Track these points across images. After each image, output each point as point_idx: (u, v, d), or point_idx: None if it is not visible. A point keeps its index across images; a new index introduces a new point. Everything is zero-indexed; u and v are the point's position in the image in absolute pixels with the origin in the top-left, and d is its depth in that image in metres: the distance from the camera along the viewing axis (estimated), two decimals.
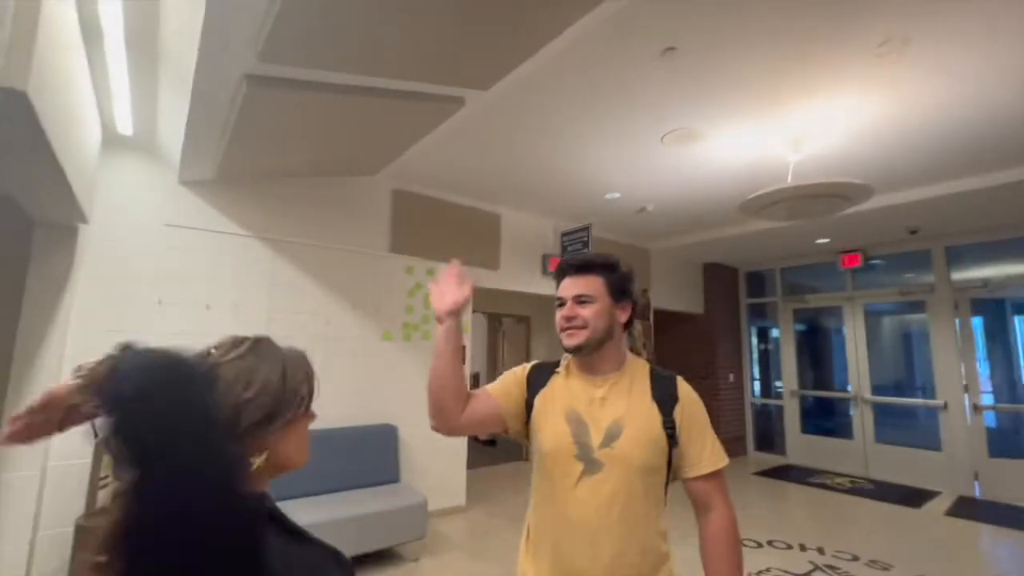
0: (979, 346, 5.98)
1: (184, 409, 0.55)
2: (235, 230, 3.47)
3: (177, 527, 0.51)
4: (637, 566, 1.03)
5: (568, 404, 1.13)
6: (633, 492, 1.05)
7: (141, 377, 0.55)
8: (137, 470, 0.51)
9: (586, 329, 1.12)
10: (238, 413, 0.62)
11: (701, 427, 1.11)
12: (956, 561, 3.50)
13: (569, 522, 1.06)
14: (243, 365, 0.66)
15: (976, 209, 4.50)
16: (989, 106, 2.86)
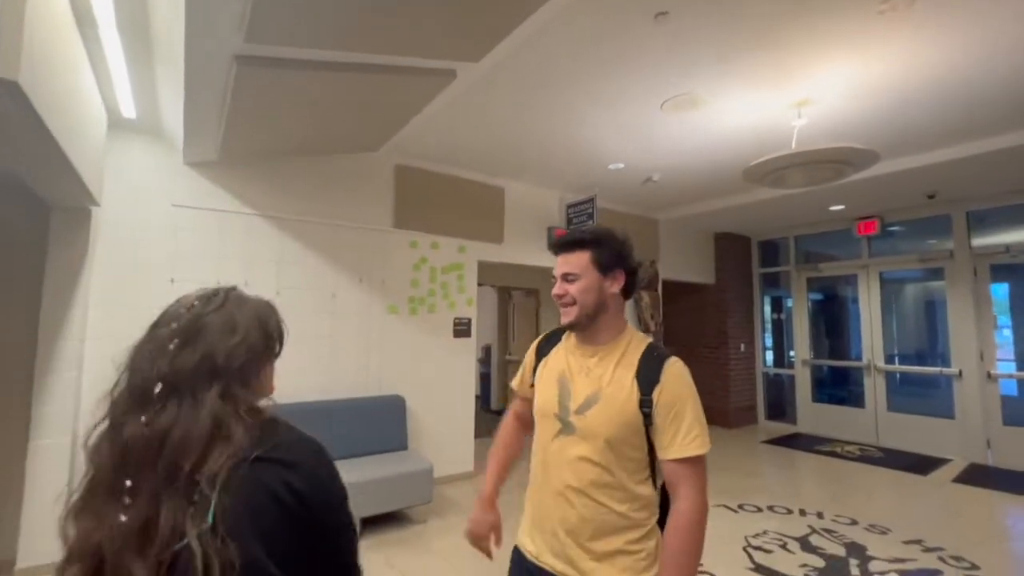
0: (1005, 312, 5.83)
1: None
2: (241, 209, 3.56)
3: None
4: (596, 524, 1.09)
5: (562, 369, 1.21)
6: (604, 460, 1.09)
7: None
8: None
9: (575, 306, 1.16)
10: (228, 356, 0.72)
11: (678, 412, 1.08)
12: (956, 525, 3.53)
13: (544, 470, 1.17)
14: (225, 314, 0.76)
15: (996, 172, 4.32)
16: (1002, 64, 2.72)
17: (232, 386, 0.71)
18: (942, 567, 2.89)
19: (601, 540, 1.09)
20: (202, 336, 0.72)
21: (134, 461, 0.65)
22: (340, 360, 3.89)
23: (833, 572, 2.81)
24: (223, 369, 0.71)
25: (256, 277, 3.57)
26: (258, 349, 0.77)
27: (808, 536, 3.30)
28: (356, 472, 3.33)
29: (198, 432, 0.65)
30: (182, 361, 0.70)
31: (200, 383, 0.69)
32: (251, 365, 0.75)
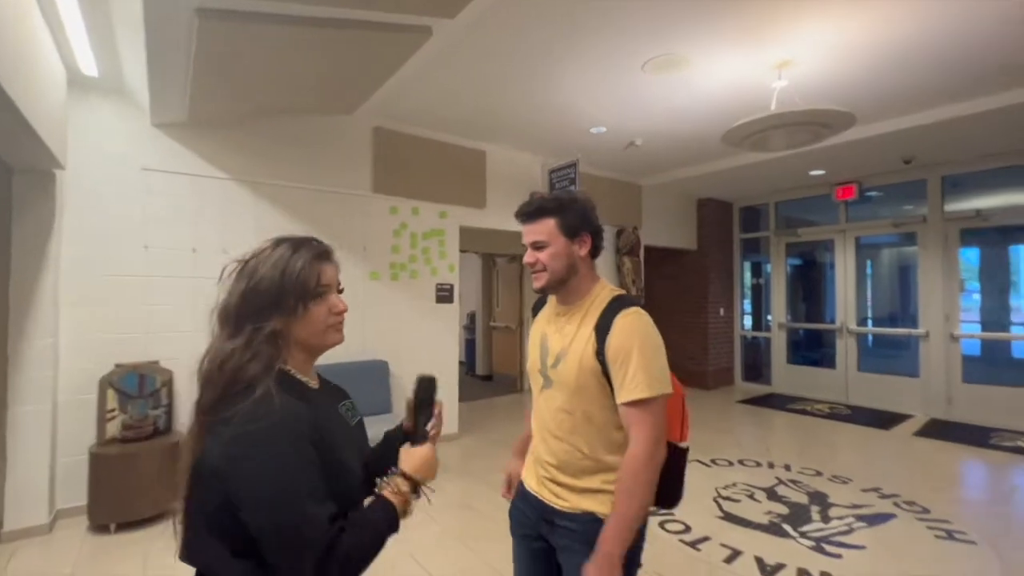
0: (974, 276, 6.03)
1: None
2: (215, 173, 3.47)
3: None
4: (577, 461, 1.20)
5: (543, 331, 1.31)
6: (578, 407, 1.18)
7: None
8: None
9: (546, 272, 1.21)
10: (247, 296, 0.83)
11: (624, 358, 1.11)
12: (912, 474, 3.75)
13: (539, 421, 1.30)
14: (250, 266, 0.88)
15: (972, 135, 4.38)
16: (981, 24, 2.73)
17: (241, 329, 0.81)
18: (896, 511, 3.09)
19: (580, 479, 1.19)
20: (239, 277, 0.87)
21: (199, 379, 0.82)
22: None
23: (795, 518, 2.99)
24: (235, 313, 0.82)
25: (234, 243, 3.51)
26: (274, 297, 0.83)
27: (775, 487, 3.49)
28: None
29: (214, 360, 0.79)
30: (221, 299, 0.86)
31: (225, 322, 0.83)
32: (268, 311, 0.82)
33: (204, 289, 3.40)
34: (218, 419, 0.75)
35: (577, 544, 1.15)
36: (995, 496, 3.44)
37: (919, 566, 2.48)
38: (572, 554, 1.16)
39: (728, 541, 2.70)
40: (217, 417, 0.75)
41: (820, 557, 2.54)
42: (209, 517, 0.75)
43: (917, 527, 2.89)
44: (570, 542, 1.17)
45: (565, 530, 1.18)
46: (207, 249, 3.42)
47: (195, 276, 3.38)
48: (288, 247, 0.87)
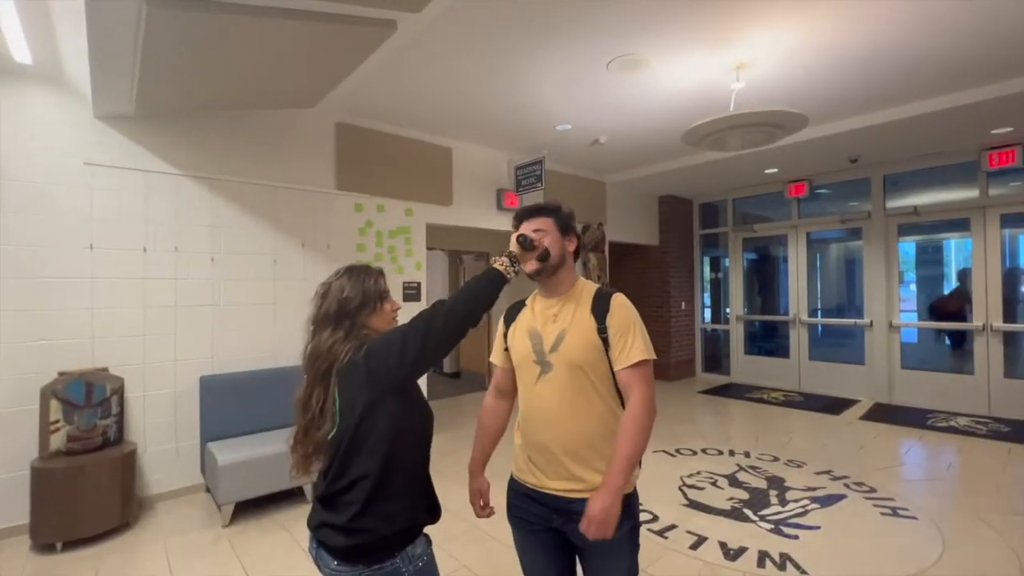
0: (912, 269, 6.45)
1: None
2: (167, 169, 3.30)
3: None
4: (588, 437, 1.31)
5: (531, 325, 1.43)
6: (580, 384, 1.31)
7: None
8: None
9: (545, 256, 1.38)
10: (341, 303, 1.19)
11: (625, 330, 1.30)
12: (860, 456, 3.99)
13: (534, 410, 1.37)
14: (340, 282, 1.22)
15: (910, 136, 4.68)
16: (918, 35, 2.91)
17: (354, 324, 1.18)
18: (846, 492, 3.28)
19: (594, 451, 1.31)
20: (327, 296, 1.21)
21: (305, 362, 1.19)
22: (286, 326, 3.79)
23: (755, 502, 3.13)
24: (345, 314, 1.18)
25: (187, 242, 3.36)
26: (359, 303, 1.20)
27: (736, 473, 3.64)
28: None
29: (329, 349, 1.14)
30: (322, 309, 1.20)
31: (326, 322, 1.17)
32: (357, 312, 1.19)
33: (157, 290, 3.23)
34: (348, 363, 1.12)
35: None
36: (932, 473, 3.70)
37: (868, 542, 2.65)
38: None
39: (694, 528, 2.80)
40: (344, 364, 1.12)
41: (779, 539, 2.67)
42: (358, 428, 1.11)
43: (865, 506, 3.08)
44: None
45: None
46: (159, 248, 3.25)
47: (146, 277, 3.20)
48: (359, 270, 1.25)
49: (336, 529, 1.10)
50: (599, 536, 1.19)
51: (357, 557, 1.09)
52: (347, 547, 1.09)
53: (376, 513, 1.10)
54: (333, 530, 1.10)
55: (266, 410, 3.49)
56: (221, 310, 3.49)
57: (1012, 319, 5.13)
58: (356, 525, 1.09)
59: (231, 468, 2.90)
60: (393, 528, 1.11)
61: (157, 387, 3.24)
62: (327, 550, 1.12)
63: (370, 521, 1.09)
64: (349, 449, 1.10)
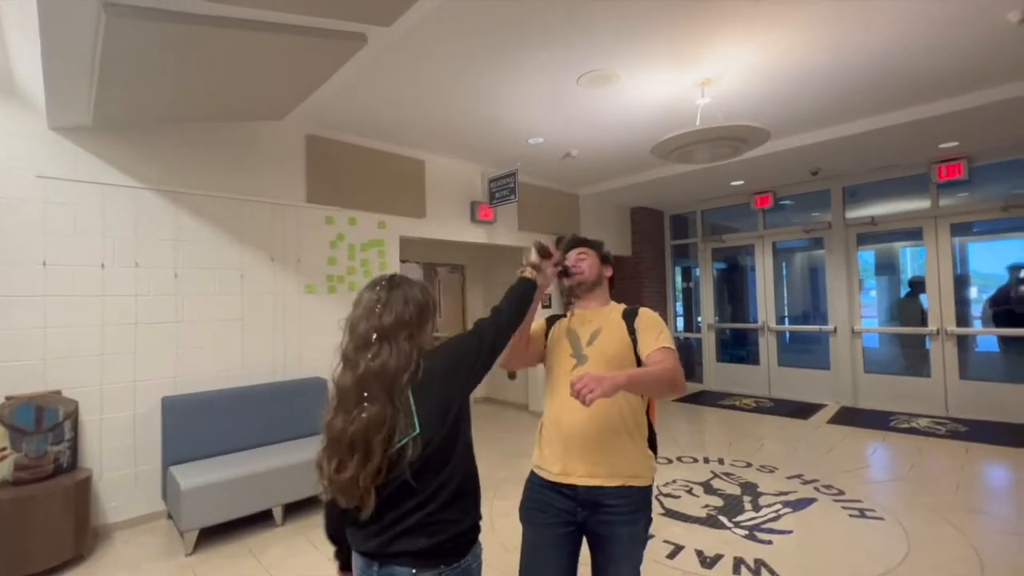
0: (872, 276, 6.73)
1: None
2: (127, 182, 3.19)
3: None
4: (616, 421, 1.47)
5: (569, 330, 1.65)
6: (616, 369, 1.44)
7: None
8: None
9: (584, 272, 1.66)
10: (408, 316, 1.16)
11: (653, 326, 1.53)
12: (828, 459, 4.10)
13: (568, 398, 1.37)
14: (401, 291, 1.19)
15: (866, 150, 4.90)
16: (873, 56, 3.07)
17: (413, 334, 1.15)
18: (816, 495, 3.36)
19: (620, 441, 1.46)
20: (391, 305, 1.15)
21: (367, 382, 1.08)
22: (254, 344, 3.68)
23: (730, 509, 3.17)
24: (406, 324, 1.14)
25: (148, 257, 3.24)
26: (420, 311, 1.19)
27: (710, 480, 3.68)
28: (277, 458, 3.21)
29: (398, 362, 1.10)
30: (384, 321, 1.13)
31: (396, 333, 1.13)
32: (419, 321, 1.17)
33: (116, 307, 3.10)
34: (421, 373, 1.13)
35: (626, 512, 1.42)
36: (896, 474, 3.82)
37: (838, 545, 2.71)
38: (621, 523, 1.42)
39: (671, 537, 2.82)
40: (417, 374, 1.12)
41: (754, 545, 2.71)
42: (436, 435, 1.11)
43: (834, 508, 3.15)
44: (618, 514, 1.42)
45: (613, 506, 1.42)
46: (118, 264, 3.12)
47: (104, 294, 3.07)
48: (410, 282, 1.24)
49: (413, 532, 1.08)
50: (581, 388, 1.15)
51: (439, 557, 1.10)
52: (428, 547, 1.09)
53: (454, 508, 1.13)
54: (409, 537, 1.08)
55: (233, 430, 3.37)
56: (185, 327, 3.37)
57: (964, 323, 5.39)
58: (435, 519, 1.10)
59: (194, 492, 2.77)
60: (469, 522, 1.16)
61: (115, 409, 3.09)
62: (404, 559, 1.09)
63: (449, 514, 1.12)
64: (438, 452, 1.11)
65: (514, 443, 4.82)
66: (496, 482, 3.71)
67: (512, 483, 3.70)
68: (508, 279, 1.54)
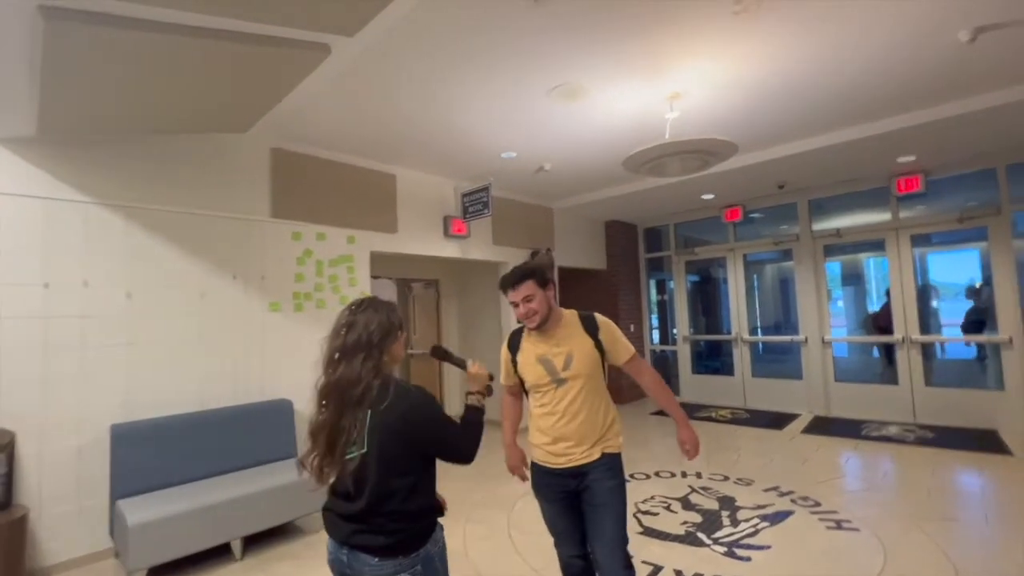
0: (839, 286, 6.90)
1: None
2: (75, 197, 3.02)
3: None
4: (597, 426, 1.83)
5: (538, 353, 1.85)
6: (588, 390, 1.82)
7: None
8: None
9: (538, 315, 1.81)
10: (370, 334, 1.30)
11: (615, 338, 1.88)
12: (804, 470, 4.10)
13: (554, 416, 1.84)
14: (365, 314, 1.33)
15: (830, 164, 5.04)
16: (836, 69, 3.15)
17: (372, 354, 1.28)
18: (793, 507, 3.34)
19: (598, 437, 1.83)
20: (354, 328, 1.30)
21: (327, 393, 1.27)
22: (215, 366, 3.50)
23: (708, 525, 3.12)
24: (365, 345, 1.28)
25: (99, 276, 3.06)
26: (384, 333, 1.32)
27: (688, 495, 3.63)
28: (236, 487, 3.03)
29: (350, 377, 1.25)
30: (347, 341, 1.29)
31: (355, 353, 1.27)
32: (380, 343, 1.30)
33: (61, 330, 2.90)
34: (377, 404, 1.26)
35: (606, 473, 1.81)
36: (870, 483, 3.84)
37: (816, 558, 2.68)
38: (602, 480, 1.80)
39: (649, 557, 2.74)
40: (371, 404, 1.26)
41: (733, 562, 2.65)
42: (388, 461, 1.26)
43: (811, 520, 3.14)
44: (599, 475, 1.80)
45: (595, 471, 1.80)
46: (64, 284, 2.93)
47: (48, 315, 2.87)
48: (380, 304, 1.38)
49: (376, 532, 1.25)
50: (696, 453, 1.92)
51: (397, 550, 1.26)
52: (387, 544, 1.25)
53: (410, 514, 1.28)
54: (372, 534, 1.25)
55: (189, 459, 3.18)
56: (138, 350, 3.17)
57: (927, 331, 5.54)
58: (395, 526, 1.26)
59: (143, 528, 2.58)
60: (424, 523, 1.32)
61: (57, 440, 2.87)
62: (366, 551, 1.26)
63: (406, 522, 1.27)
64: (385, 473, 1.26)
65: (491, 463, 4.65)
66: (470, 505, 3.59)
67: (487, 507, 3.58)
68: (484, 295, 1.67)
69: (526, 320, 1.83)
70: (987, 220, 5.10)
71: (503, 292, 1.86)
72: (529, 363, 1.86)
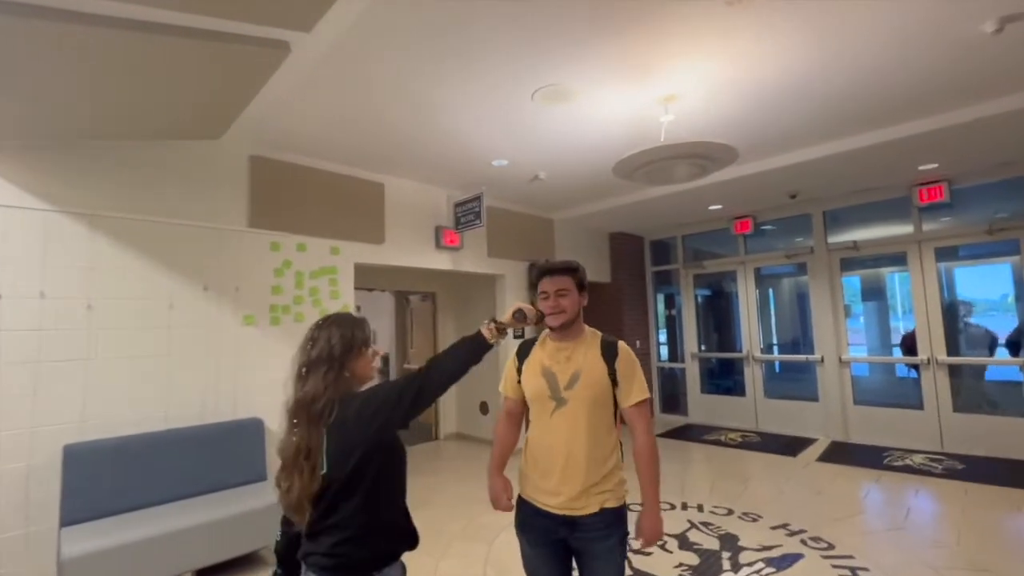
0: (857, 302, 6.50)
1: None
2: (33, 204, 2.88)
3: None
4: (597, 468, 1.56)
5: (543, 365, 1.66)
6: (591, 417, 1.57)
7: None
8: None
9: (565, 313, 1.62)
10: (331, 348, 1.29)
11: (631, 374, 1.61)
12: (818, 504, 3.75)
13: (548, 440, 1.60)
14: (327, 331, 1.33)
15: (842, 173, 4.73)
16: (847, 68, 2.88)
17: (333, 368, 1.27)
18: (804, 550, 3.00)
19: (599, 486, 1.55)
20: (317, 342, 1.30)
21: (296, 410, 1.26)
22: (182, 382, 3.32)
23: (706, 569, 2.80)
24: (326, 359, 1.27)
25: (56, 287, 2.91)
26: (346, 347, 1.30)
27: (687, 532, 3.31)
28: (197, 513, 2.83)
29: (316, 391, 1.24)
30: (311, 356, 1.29)
31: (318, 367, 1.27)
32: (343, 357, 1.29)
33: (13, 343, 2.76)
34: (333, 414, 1.23)
35: (603, 531, 1.54)
36: (892, 522, 3.47)
37: None
38: (601, 540, 1.54)
39: None
40: (331, 415, 1.23)
41: None
42: (345, 476, 1.23)
43: (823, 567, 2.80)
44: (597, 533, 1.54)
45: (590, 526, 1.54)
46: (18, 295, 2.79)
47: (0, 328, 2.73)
48: (344, 318, 1.37)
49: (322, 555, 1.23)
50: (654, 542, 1.60)
51: (340, 571, 1.23)
52: (332, 566, 1.23)
53: (359, 543, 1.24)
54: (320, 556, 1.23)
55: (149, 482, 2.99)
56: (97, 364, 3.01)
57: (955, 352, 5.13)
58: (339, 551, 1.23)
59: (79, 562, 2.37)
60: (374, 553, 1.27)
61: (5, 460, 2.71)
62: (316, 571, 1.24)
63: (353, 548, 1.23)
64: (342, 490, 1.23)
65: (476, 487, 4.41)
66: (448, 537, 3.32)
67: (466, 539, 3.31)
68: (482, 308, 1.49)
69: (551, 315, 1.61)
70: (1019, 232, 4.72)
71: (536, 281, 1.67)
72: (533, 373, 1.66)
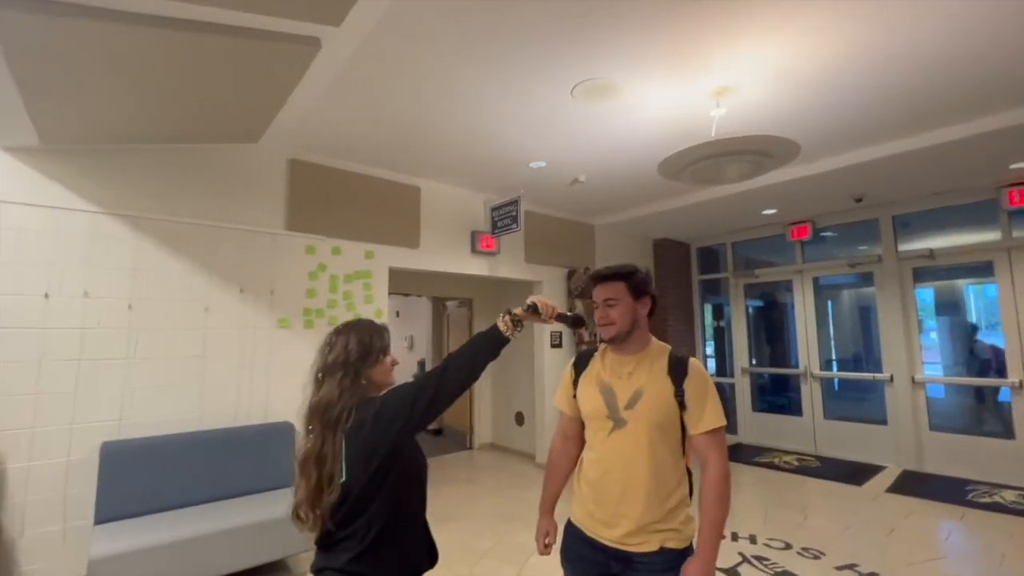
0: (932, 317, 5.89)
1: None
2: (82, 206, 2.97)
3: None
4: (661, 493, 1.38)
5: (601, 378, 1.49)
6: (653, 443, 1.39)
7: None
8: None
9: (614, 325, 1.45)
10: (348, 353, 1.28)
11: (702, 396, 1.39)
12: (889, 543, 3.32)
13: (605, 464, 1.44)
14: (344, 336, 1.32)
15: (918, 174, 4.27)
16: (932, 54, 2.55)
17: (348, 373, 1.26)
18: None
19: (655, 508, 1.36)
20: (335, 347, 1.30)
21: (311, 416, 1.25)
22: (216, 384, 3.34)
23: None
24: (343, 364, 1.26)
25: (101, 287, 2.98)
26: (363, 353, 1.30)
27: (738, 566, 3.00)
28: (228, 518, 2.80)
29: (331, 396, 1.23)
30: (328, 360, 1.28)
31: (335, 372, 1.26)
32: (359, 362, 1.28)
33: (58, 341, 2.83)
34: (350, 420, 1.21)
35: (660, 574, 1.35)
36: (982, 570, 3.02)
37: None
38: None
39: None
40: (348, 420, 1.21)
41: None
42: (362, 485, 1.19)
43: None
44: (653, 573, 1.35)
45: (647, 567, 1.36)
46: (65, 294, 2.87)
47: (45, 327, 2.81)
48: (364, 325, 1.36)
49: (336, 571, 1.17)
50: None
51: None
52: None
53: (376, 557, 1.18)
54: (334, 572, 1.18)
55: (181, 482, 2.99)
56: (137, 364, 3.06)
57: None
58: (355, 569, 1.17)
59: (106, 564, 2.36)
60: (392, 570, 1.22)
61: (46, 456, 2.77)
62: None
63: (368, 566, 1.18)
64: (360, 498, 1.18)
65: (510, 504, 4.22)
66: (476, 555, 3.15)
67: (496, 559, 3.12)
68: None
69: (602, 327, 1.48)
70: None
71: (590, 288, 1.54)
72: (589, 389, 1.50)
